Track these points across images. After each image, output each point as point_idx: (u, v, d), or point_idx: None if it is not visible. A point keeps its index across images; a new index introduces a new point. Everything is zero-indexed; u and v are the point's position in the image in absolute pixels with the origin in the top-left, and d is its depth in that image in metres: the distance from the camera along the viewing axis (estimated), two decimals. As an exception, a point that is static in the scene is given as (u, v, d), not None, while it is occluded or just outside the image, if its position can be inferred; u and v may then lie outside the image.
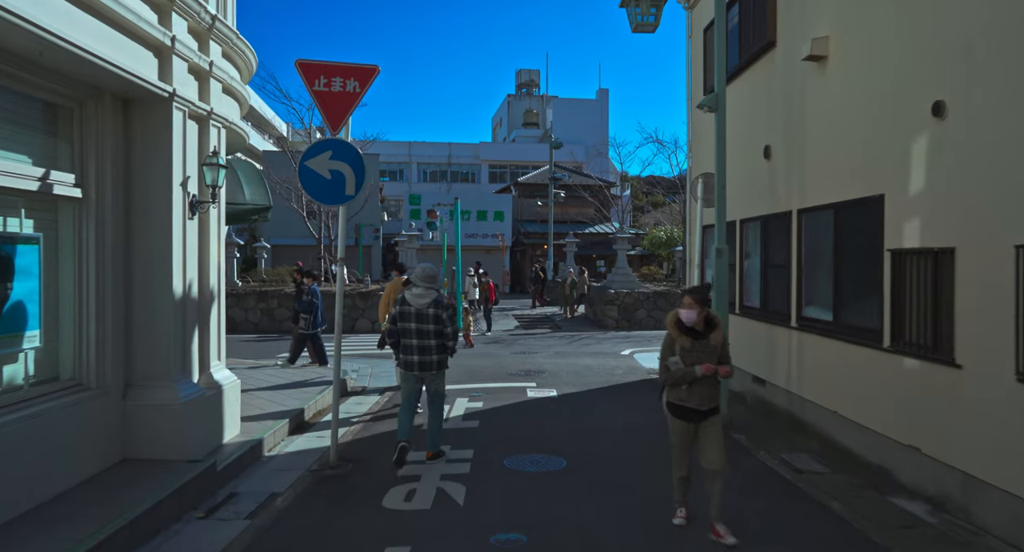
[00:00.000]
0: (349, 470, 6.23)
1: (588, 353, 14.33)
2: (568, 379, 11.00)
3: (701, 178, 7.98)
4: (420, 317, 6.11)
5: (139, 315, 5.61)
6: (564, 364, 12.61)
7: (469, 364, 12.53)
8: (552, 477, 6.01)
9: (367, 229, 31.60)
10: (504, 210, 34.29)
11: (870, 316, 6.18)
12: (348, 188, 6.27)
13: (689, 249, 11.82)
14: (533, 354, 14.07)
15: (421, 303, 6.12)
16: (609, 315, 20.61)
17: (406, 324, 6.14)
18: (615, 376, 11.37)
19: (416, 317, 6.11)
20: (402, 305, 6.17)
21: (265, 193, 7.99)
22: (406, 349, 6.21)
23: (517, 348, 15.21)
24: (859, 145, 6.38)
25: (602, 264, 34.27)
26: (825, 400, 7.02)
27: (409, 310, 6.12)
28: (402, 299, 6.20)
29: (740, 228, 9.62)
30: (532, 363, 12.73)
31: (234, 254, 20.10)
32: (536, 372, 11.65)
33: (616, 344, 16.19)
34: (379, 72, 6.31)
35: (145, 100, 5.53)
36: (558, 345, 15.82)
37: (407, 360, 6.23)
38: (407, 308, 6.13)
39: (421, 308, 6.11)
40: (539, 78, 54.35)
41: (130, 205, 5.61)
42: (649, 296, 20.93)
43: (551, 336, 17.99)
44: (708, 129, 10.44)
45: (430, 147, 46.32)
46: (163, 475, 5.18)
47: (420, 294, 6.16)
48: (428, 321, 6.11)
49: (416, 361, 6.19)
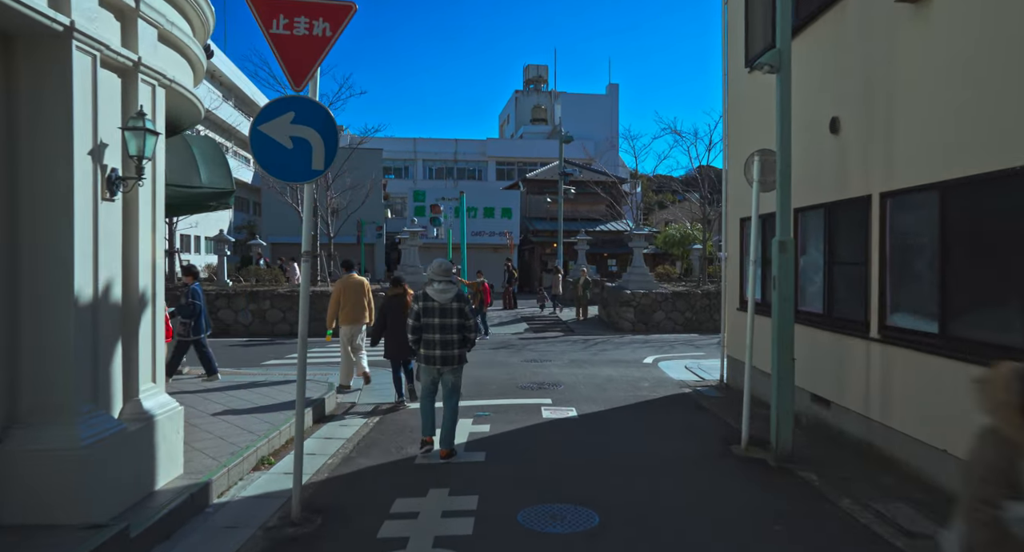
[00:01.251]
0: (316, 527, 4.74)
1: (607, 361, 12.80)
2: (588, 394, 9.48)
3: (757, 156, 6.45)
4: (444, 312, 6.14)
5: (27, 330, 4.12)
6: (582, 375, 11.09)
7: (476, 375, 11.04)
8: (583, 542, 4.50)
9: (369, 226, 30.17)
10: (512, 207, 32.78)
11: (1006, 330, 4.64)
12: (316, 161, 4.77)
13: (726, 245, 10.29)
14: (546, 362, 12.55)
15: (445, 298, 6.14)
16: (625, 317, 19.07)
17: (430, 319, 6.14)
18: (641, 390, 9.85)
19: (440, 312, 6.14)
20: (425, 301, 6.17)
21: (226, 175, 6.51)
22: (428, 344, 6.19)
23: (528, 355, 13.69)
24: (987, 104, 4.84)
25: (613, 263, 32.73)
26: (925, 433, 5.47)
27: (433, 305, 6.14)
28: (424, 295, 6.20)
29: (794, 219, 8.09)
30: (546, 374, 11.21)
31: (225, 252, 18.65)
32: (551, 385, 10.14)
33: (636, 350, 14.66)
34: (355, 11, 4.81)
35: (32, 37, 4.05)
36: (573, 351, 14.30)
37: (429, 355, 6.20)
38: (431, 304, 6.15)
39: (445, 303, 6.13)
40: (547, 74, 52.76)
41: (15, 182, 4.13)
42: (667, 297, 19.38)
43: (564, 340, 16.47)
44: (753, 100, 8.92)
45: (436, 143, 44.84)
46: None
47: (443, 289, 6.17)
48: (452, 315, 6.15)
49: (439, 356, 6.19)
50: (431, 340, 6.17)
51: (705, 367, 11.98)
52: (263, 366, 12.02)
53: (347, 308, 9.40)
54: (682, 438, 7.21)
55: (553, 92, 50.42)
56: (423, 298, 6.19)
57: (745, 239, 9.64)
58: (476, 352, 13.95)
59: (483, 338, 16.40)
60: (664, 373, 11.36)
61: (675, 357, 13.53)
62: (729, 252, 10.16)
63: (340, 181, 22.14)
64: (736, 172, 10.06)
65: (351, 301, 9.43)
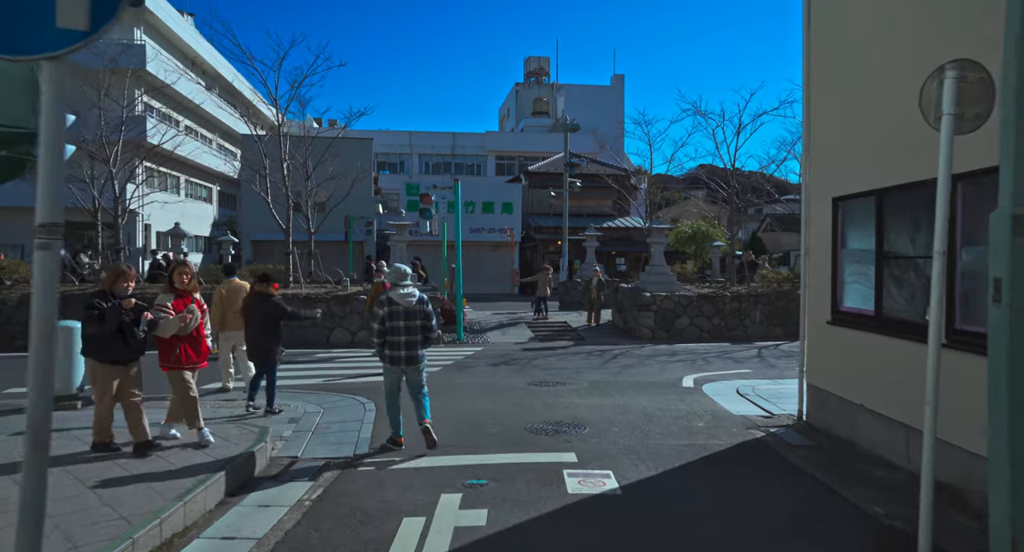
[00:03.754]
0: None
1: (636, 385, 9.99)
2: (626, 442, 6.69)
3: (951, 73, 3.62)
4: (409, 315, 6.22)
5: None
6: (610, 407, 8.29)
7: (469, 408, 8.25)
8: None
9: (358, 222, 27.35)
10: (513, 201, 29.98)
11: None
12: (67, 9, 1.98)
13: (807, 235, 7.49)
14: (560, 386, 9.74)
15: (409, 302, 6.22)
16: (644, 323, 16.28)
17: (396, 322, 6.20)
18: (696, 434, 7.05)
19: (405, 315, 6.22)
20: (391, 305, 6.22)
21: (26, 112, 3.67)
22: (394, 345, 6.23)
23: (535, 374, 10.89)
24: None
25: (622, 262, 29.96)
26: None
27: (398, 309, 6.21)
28: (389, 300, 6.23)
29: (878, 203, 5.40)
30: (563, 406, 8.41)
31: (181, 249, 15.83)
32: (571, 426, 7.33)
33: (665, 366, 11.87)
34: None
35: None
36: (590, 368, 11.50)
37: (395, 356, 6.24)
38: (396, 307, 6.21)
39: (410, 306, 6.21)
40: (549, 66, 49.93)
41: None
42: (692, 300, 16.60)
43: (577, 353, 13.67)
44: (851, 30, 6.08)
45: (433, 137, 42.03)
46: None
47: (407, 293, 6.24)
48: (416, 317, 6.25)
49: (404, 356, 6.22)
50: (397, 342, 6.23)
51: (764, 392, 9.19)
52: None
53: (230, 315, 8.50)
54: (803, 544, 4.42)
55: (555, 84, 47.61)
56: (388, 302, 6.23)
57: (842, 226, 6.85)
58: (471, 371, 11.17)
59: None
60: (717, 403, 8.56)
61: (717, 376, 10.75)
62: (813, 245, 7.37)
63: (322, 169, 19.29)
64: (821, 132, 7.27)
65: (234, 307, 8.42)
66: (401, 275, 6.30)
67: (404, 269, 6.36)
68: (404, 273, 6.32)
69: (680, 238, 29.09)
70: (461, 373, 11.01)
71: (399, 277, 6.30)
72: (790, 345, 15.08)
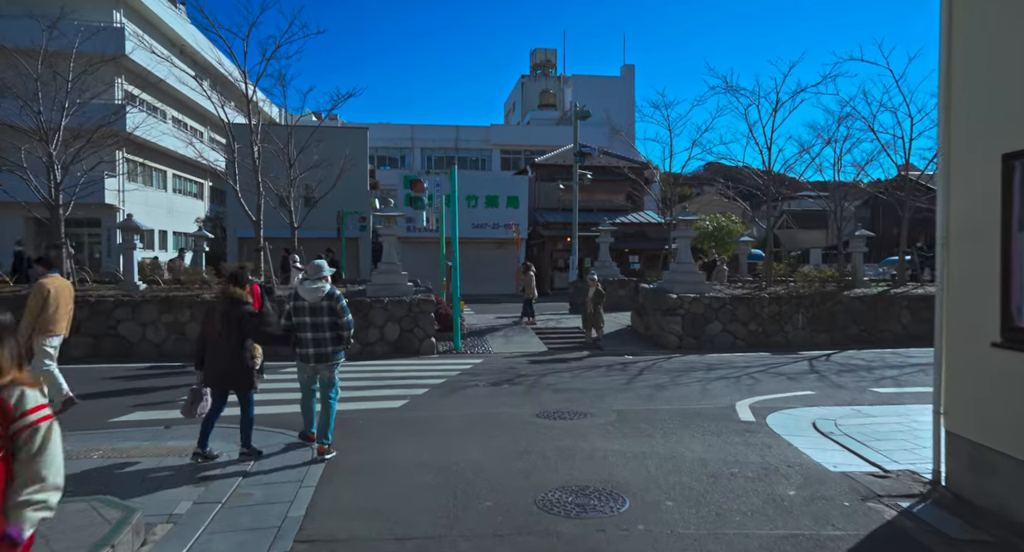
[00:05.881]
0: None
1: (678, 414, 7.53)
2: (692, 532, 4.23)
3: None
4: (314, 311, 5.92)
5: None
6: (653, 457, 5.81)
7: (452, 459, 5.82)
8: None
9: (352, 218, 24.96)
10: (519, 195, 27.51)
11: None
12: None
13: (944, 214, 5.03)
14: (579, 418, 7.31)
15: (315, 298, 5.91)
16: (670, 330, 13.82)
17: (301, 318, 5.94)
18: (793, 511, 4.58)
19: (310, 311, 5.92)
20: (296, 300, 5.98)
21: None
22: (302, 342, 5.98)
23: (547, 398, 8.46)
24: None
25: (636, 260, 27.49)
26: None
27: (303, 305, 5.93)
28: (295, 295, 6.01)
29: None
30: (585, 454, 5.93)
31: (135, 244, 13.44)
32: (603, 497, 4.86)
33: (706, 385, 9.43)
34: None
35: None
36: (614, 390, 9.06)
37: (303, 352, 5.97)
38: (301, 303, 5.95)
39: (315, 302, 5.91)
40: (556, 58, 47.39)
41: None
42: (725, 303, 14.13)
43: (594, 366, 11.23)
44: None
45: (435, 130, 39.60)
46: None
47: (313, 288, 5.93)
48: (323, 314, 5.94)
49: (312, 353, 5.95)
50: (304, 339, 5.95)
51: (852, 429, 6.74)
52: (115, 425, 6.87)
53: (66, 316, 7.11)
54: None
55: (562, 76, 45.08)
56: (294, 298, 6.01)
57: (1021, 195, 4.38)
58: (465, 395, 8.76)
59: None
60: (799, 451, 6.08)
61: (776, 401, 8.31)
62: (961, 227, 4.90)
63: (308, 158, 16.90)
64: (978, 65, 4.80)
65: (68, 306, 7.13)
66: (317, 270, 6.01)
67: (321, 265, 6.06)
68: (320, 268, 6.01)
69: (699, 234, 26.68)
70: (452, 398, 8.60)
71: (315, 272, 6.00)
72: (842, 355, 12.61)
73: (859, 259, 16.09)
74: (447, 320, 13.79)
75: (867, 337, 14.44)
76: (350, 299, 13.23)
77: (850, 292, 14.95)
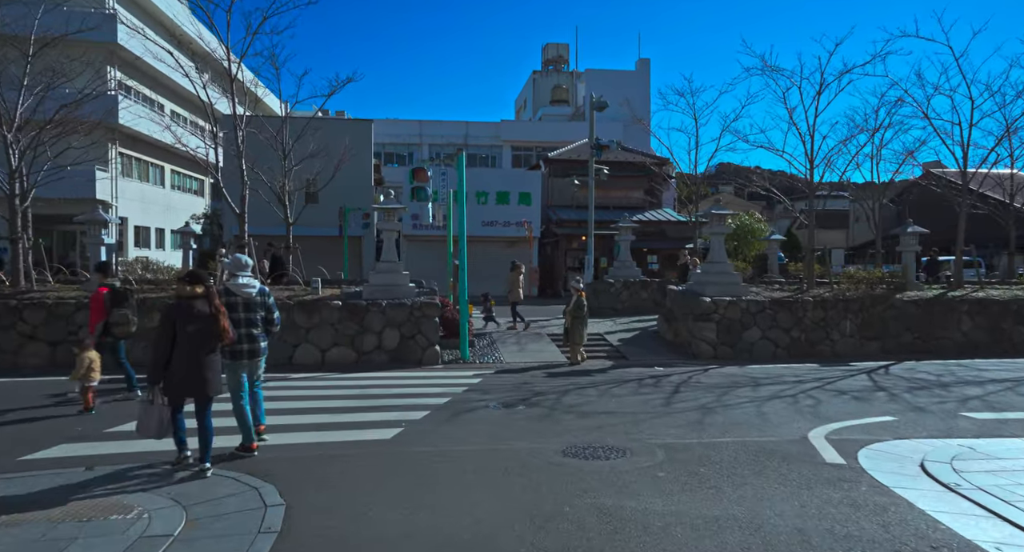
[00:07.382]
0: None
1: (742, 450, 5.88)
2: None
3: None
4: (248, 306, 5.80)
5: None
6: (731, 527, 4.16)
7: (452, 524, 4.21)
8: None
9: (355, 215, 23.43)
10: (531, 191, 25.86)
11: None
12: None
13: None
14: (617, 457, 5.66)
15: (248, 293, 5.81)
16: (703, 337, 12.17)
17: (236, 314, 5.69)
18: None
19: (244, 307, 5.78)
20: (228, 296, 5.72)
21: None
22: (236, 338, 5.63)
23: (572, 426, 6.81)
24: None
25: (655, 260, 25.81)
26: None
27: (236, 300, 5.76)
28: (227, 291, 5.78)
29: None
30: (635, 523, 4.28)
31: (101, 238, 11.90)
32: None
33: (762, 407, 7.78)
34: None
35: None
36: (652, 413, 7.42)
37: (237, 349, 5.70)
38: (234, 299, 5.75)
39: (249, 298, 5.81)
40: (568, 53, 45.76)
41: None
42: (764, 307, 12.46)
43: (622, 381, 9.58)
44: None
45: (444, 126, 38.05)
46: None
47: (244, 283, 5.83)
48: (257, 309, 5.85)
49: (246, 349, 5.77)
50: (238, 334, 5.65)
51: (981, 478, 5.09)
52: (23, 465, 5.29)
53: None
54: None
55: (575, 72, 43.41)
56: (226, 294, 5.73)
57: None
58: (471, 421, 7.10)
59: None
60: (936, 522, 4.39)
61: (853, 429, 6.67)
62: None
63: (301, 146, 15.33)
64: None
65: None
66: (240, 265, 5.89)
67: (243, 259, 5.95)
68: (243, 263, 5.90)
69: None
70: (457, 424, 6.98)
71: (238, 267, 5.88)
72: (901, 367, 10.91)
73: (910, 258, 14.34)
74: (452, 325, 12.20)
75: (922, 346, 12.71)
76: (345, 301, 11.70)
77: (902, 295, 13.23)
